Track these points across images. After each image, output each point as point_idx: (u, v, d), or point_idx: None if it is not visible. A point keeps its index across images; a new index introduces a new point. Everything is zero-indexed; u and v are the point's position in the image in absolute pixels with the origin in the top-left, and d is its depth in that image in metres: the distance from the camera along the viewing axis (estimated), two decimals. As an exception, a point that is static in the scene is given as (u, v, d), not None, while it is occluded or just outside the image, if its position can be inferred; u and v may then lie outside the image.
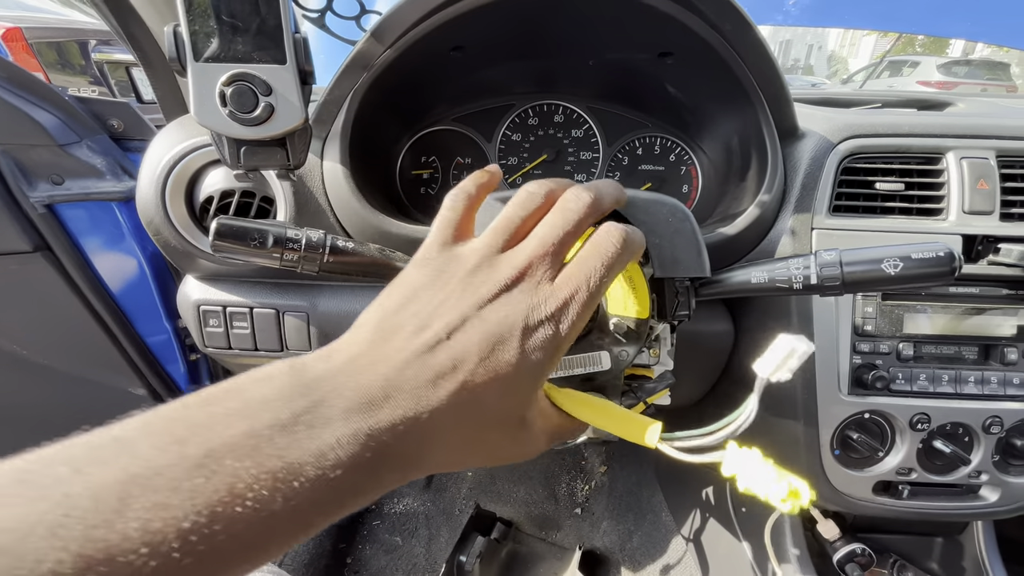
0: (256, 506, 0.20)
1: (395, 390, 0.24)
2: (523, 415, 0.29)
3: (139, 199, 0.59)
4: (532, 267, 0.28)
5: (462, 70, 0.66)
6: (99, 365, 0.88)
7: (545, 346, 0.27)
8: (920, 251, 0.40)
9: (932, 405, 0.62)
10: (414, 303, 0.28)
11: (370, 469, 0.23)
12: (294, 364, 0.25)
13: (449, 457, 0.26)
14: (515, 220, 0.31)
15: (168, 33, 0.42)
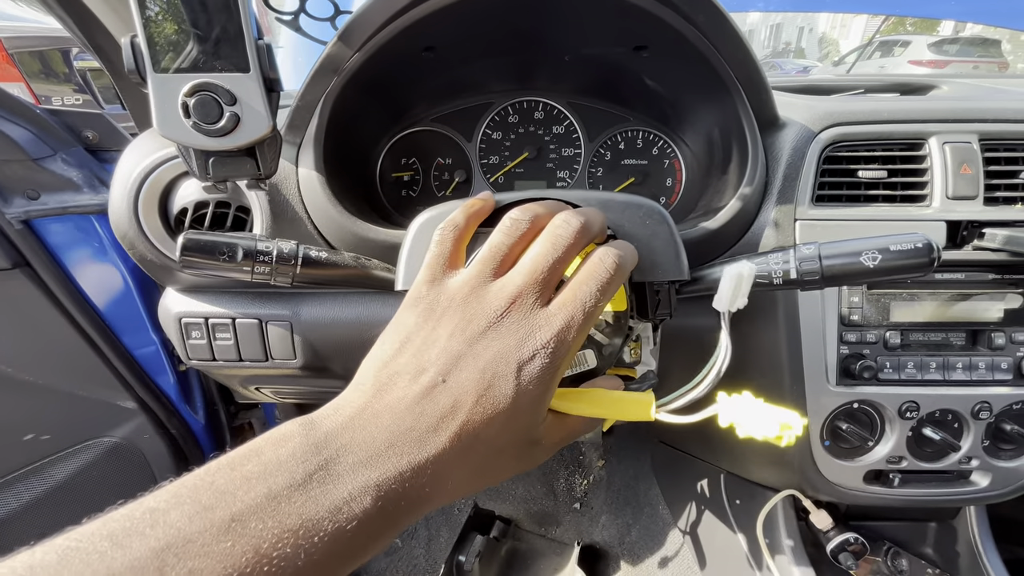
0: (281, 563, 0.21)
1: (399, 439, 0.25)
2: (533, 437, 0.30)
3: (111, 213, 0.59)
4: (522, 296, 0.29)
5: (436, 70, 0.65)
6: (86, 379, 0.87)
7: (542, 375, 0.28)
8: (898, 243, 0.39)
9: (920, 393, 0.62)
10: (409, 347, 0.28)
11: (383, 516, 0.24)
12: (305, 423, 0.26)
13: (459, 489, 0.27)
14: (502, 248, 0.31)
15: (125, 44, 0.41)
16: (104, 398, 0.90)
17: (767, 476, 0.75)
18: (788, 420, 0.35)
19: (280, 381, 0.76)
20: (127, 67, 0.42)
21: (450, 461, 0.26)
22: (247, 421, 1.19)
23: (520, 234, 0.31)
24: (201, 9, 0.42)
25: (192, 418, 1.01)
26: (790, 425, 0.35)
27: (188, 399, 1.02)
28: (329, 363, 0.69)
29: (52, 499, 0.87)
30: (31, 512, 0.86)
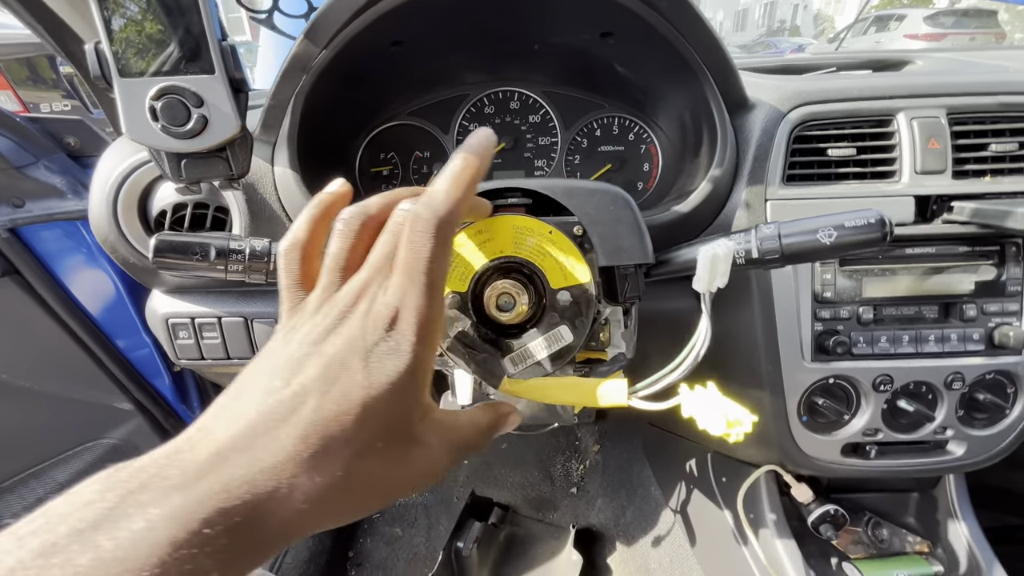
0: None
1: (227, 452, 0.22)
2: (408, 433, 0.26)
3: (92, 217, 0.59)
4: (367, 288, 0.27)
5: (408, 64, 0.65)
6: (82, 383, 0.88)
7: (396, 359, 0.25)
8: (852, 219, 0.40)
9: (894, 366, 0.63)
10: (262, 368, 0.26)
11: (192, 559, 0.19)
12: (118, 465, 0.22)
13: (323, 507, 0.23)
14: (342, 254, 0.29)
15: (90, 50, 0.42)
16: (101, 400, 0.92)
17: (750, 453, 0.77)
18: (738, 417, 0.36)
19: (270, 377, 0.78)
20: (92, 73, 0.43)
21: (297, 470, 0.22)
22: (245, 419, 1.21)
23: (354, 234, 0.29)
24: (164, 13, 0.42)
25: (189, 417, 1.03)
26: (739, 422, 0.35)
27: (184, 399, 1.03)
28: (316, 358, 0.70)
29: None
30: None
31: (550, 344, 0.42)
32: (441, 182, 0.28)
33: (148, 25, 0.43)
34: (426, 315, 0.26)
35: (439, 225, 0.26)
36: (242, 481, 0.21)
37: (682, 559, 0.94)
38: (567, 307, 0.42)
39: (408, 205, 0.29)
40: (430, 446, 0.27)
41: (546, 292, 0.42)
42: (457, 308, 0.41)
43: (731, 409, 0.35)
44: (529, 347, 0.42)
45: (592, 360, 0.50)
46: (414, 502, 1.33)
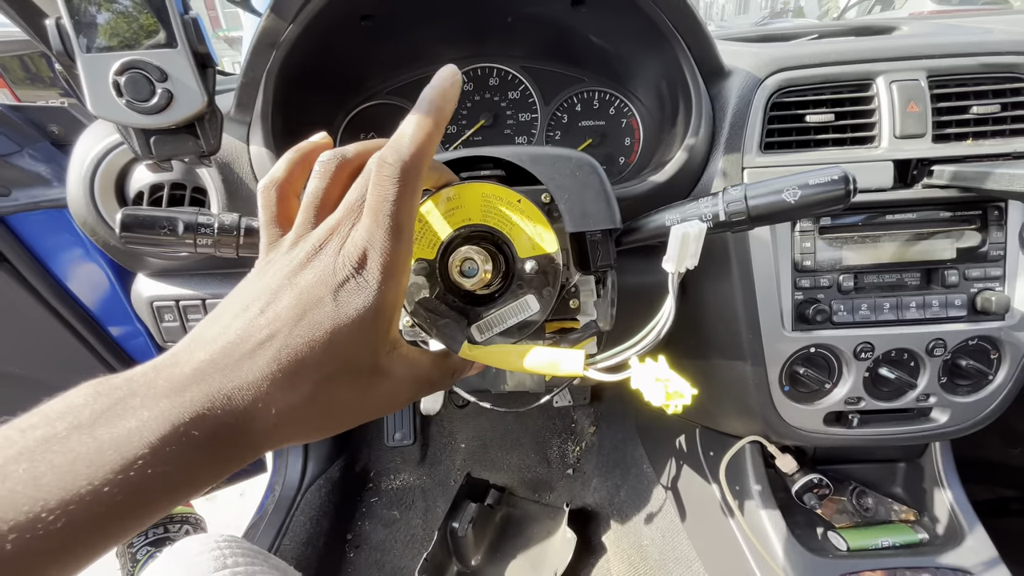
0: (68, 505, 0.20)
1: (207, 368, 0.24)
2: (374, 364, 0.28)
3: (70, 199, 0.60)
4: (340, 226, 0.28)
5: (380, 39, 0.65)
6: (75, 370, 0.90)
7: (364, 289, 0.27)
8: (816, 177, 0.40)
9: (875, 333, 0.62)
10: (239, 297, 0.28)
11: (189, 447, 0.22)
12: (106, 376, 0.24)
13: (296, 422, 0.26)
14: (318, 193, 0.30)
15: (51, 25, 0.42)
16: (95, 387, 0.93)
17: (736, 426, 0.77)
18: (678, 389, 0.36)
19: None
20: (55, 49, 0.43)
21: (272, 388, 0.24)
22: (242, 405, 1.22)
23: (330, 175, 0.30)
24: (121, -14, 0.42)
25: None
26: (680, 394, 0.35)
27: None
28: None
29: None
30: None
31: (516, 313, 0.42)
32: (406, 126, 0.29)
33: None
34: (391, 255, 0.27)
35: (404, 169, 0.27)
36: (221, 394, 0.24)
37: (673, 534, 0.94)
38: (533, 277, 0.42)
39: (381, 156, 0.29)
40: (394, 377, 0.30)
41: (514, 261, 0.42)
42: (424, 275, 0.41)
43: (672, 381, 0.35)
44: (495, 315, 0.43)
45: (564, 329, 0.50)
46: (411, 485, 1.35)
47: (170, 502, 0.23)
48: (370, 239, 0.27)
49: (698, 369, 0.77)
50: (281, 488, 1.21)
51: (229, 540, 0.58)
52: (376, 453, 1.41)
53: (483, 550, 1.16)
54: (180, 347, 0.26)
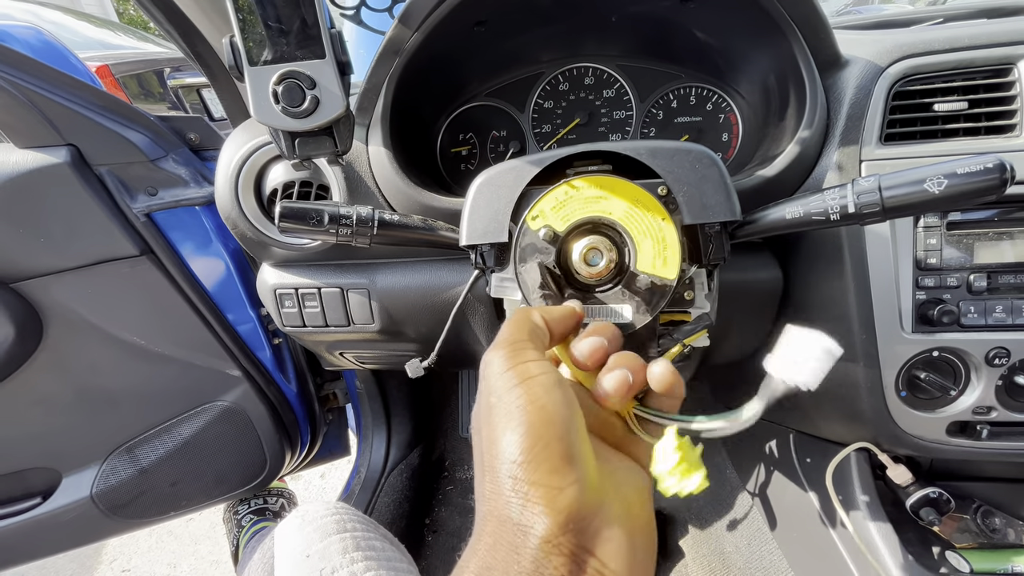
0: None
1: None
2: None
3: (217, 197, 0.68)
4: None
5: (488, 44, 0.68)
6: (202, 351, 1.00)
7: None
8: (966, 166, 0.38)
9: (1011, 338, 0.58)
10: None
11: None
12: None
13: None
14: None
15: (225, 44, 0.48)
16: (216, 367, 1.04)
17: (839, 432, 0.73)
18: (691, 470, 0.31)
19: (361, 346, 0.84)
20: (227, 64, 0.49)
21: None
22: (332, 392, 1.31)
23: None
24: (284, 6, 0.48)
25: (286, 386, 1.14)
26: (689, 472, 0.31)
27: (282, 369, 1.14)
28: (403, 327, 0.76)
29: (182, 452, 1.02)
30: (167, 463, 1.01)
31: (607, 314, 0.44)
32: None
33: (271, 19, 0.48)
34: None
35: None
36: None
37: (761, 542, 0.91)
38: (640, 290, 0.43)
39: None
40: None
41: (629, 266, 0.43)
42: (548, 241, 0.43)
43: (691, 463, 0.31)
44: (592, 307, 0.44)
45: (675, 322, 0.50)
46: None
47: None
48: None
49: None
50: (366, 471, 1.29)
51: (345, 507, 0.64)
52: (451, 443, 1.46)
53: (557, 545, 1.17)
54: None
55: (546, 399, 0.27)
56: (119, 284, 0.90)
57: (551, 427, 0.26)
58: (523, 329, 0.32)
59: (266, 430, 1.10)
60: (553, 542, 0.24)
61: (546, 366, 0.30)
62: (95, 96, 0.83)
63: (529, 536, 0.24)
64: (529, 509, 0.24)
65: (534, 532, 0.24)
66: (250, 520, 1.22)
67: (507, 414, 0.27)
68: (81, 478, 1.00)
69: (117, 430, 1.00)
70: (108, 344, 0.92)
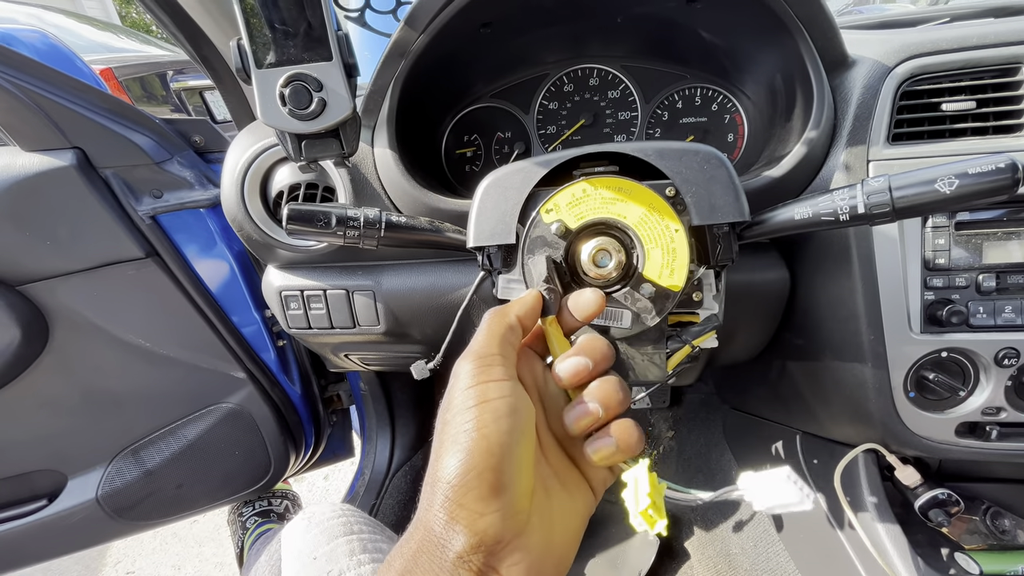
0: None
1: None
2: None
3: (223, 200, 0.68)
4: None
5: (493, 45, 0.68)
6: (207, 353, 1.00)
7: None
8: (977, 166, 0.37)
9: (1021, 338, 0.57)
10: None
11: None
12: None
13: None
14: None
15: (233, 47, 0.48)
16: (221, 369, 1.04)
17: (847, 433, 0.73)
18: (654, 518, 0.33)
19: (366, 348, 0.84)
20: (235, 67, 0.49)
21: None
22: (336, 393, 1.31)
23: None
24: (291, 9, 0.48)
25: (291, 388, 1.14)
26: (654, 521, 0.33)
27: (286, 371, 1.14)
28: (408, 328, 0.76)
29: (187, 455, 1.02)
30: (172, 465, 1.01)
31: (607, 318, 0.43)
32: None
33: (278, 21, 0.48)
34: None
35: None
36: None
37: (767, 544, 0.91)
38: (646, 295, 0.43)
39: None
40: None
41: (636, 272, 0.43)
42: (559, 236, 0.43)
43: (651, 507, 0.33)
44: (607, 310, 0.44)
45: (684, 323, 0.50)
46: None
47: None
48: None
49: (805, 371, 0.73)
50: (371, 472, 1.29)
51: (353, 509, 0.64)
52: (455, 445, 1.46)
53: (562, 546, 1.17)
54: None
55: (492, 427, 0.28)
56: (124, 286, 0.90)
57: (489, 457, 0.28)
58: (495, 339, 0.33)
59: (270, 432, 1.10)
60: (465, 558, 0.26)
61: (505, 389, 0.31)
62: (100, 99, 0.83)
63: (447, 550, 0.27)
64: (451, 527, 0.27)
65: (451, 547, 0.27)
66: (255, 522, 1.22)
67: (454, 436, 0.29)
68: (87, 480, 1.00)
69: (122, 432, 1.00)
70: (113, 346, 0.92)
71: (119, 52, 3.17)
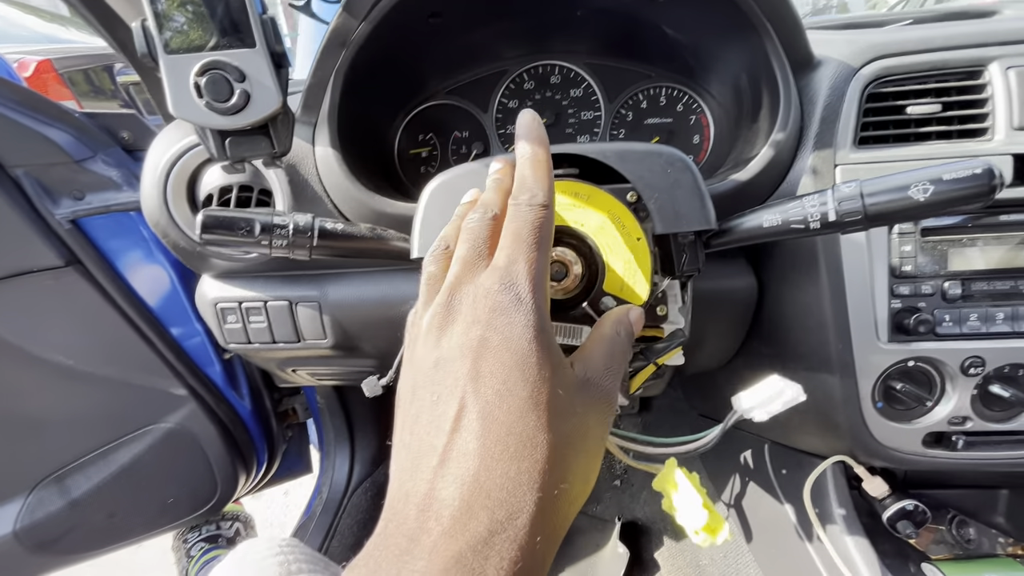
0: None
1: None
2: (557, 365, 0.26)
3: (144, 203, 0.61)
4: (466, 268, 0.28)
5: (445, 38, 0.63)
6: (140, 369, 0.92)
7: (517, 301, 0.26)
8: (952, 171, 0.35)
9: (986, 346, 0.56)
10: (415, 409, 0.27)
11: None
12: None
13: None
14: (434, 264, 0.32)
15: (136, 28, 0.42)
16: (158, 386, 0.95)
17: (815, 444, 0.71)
18: (718, 525, 0.36)
19: (314, 362, 0.78)
20: (139, 51, 0.43)
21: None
22: (291, 407, 1.23)
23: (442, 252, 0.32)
24: (205, -13, 0.42)
25: (239, 404, 1.06)
26: (716, 530, 0.35)
27: (234, 386, 1.06)
28: (359, 342, 0.70)
29: (119, 481, 0.93)
30: (102, 493, 0.92)
31: (565, 335, 0.40)
32: (525, 170, 0.32)
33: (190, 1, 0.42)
34: (536, 263, 0.28)
35: (539, 202, 0.30)
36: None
37: (737, 555, 0.89)
38: (605, 310, 0.40)
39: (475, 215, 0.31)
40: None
41: (596, 288, 0.39)
42: None
43: (713, 511, 0.36)
44: (570, 327, 0.40)
45: (648, 338, 0.47)
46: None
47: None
48: (513, 255, 0.27)
49: (773, 381, 0.71)
50: (328, 491, 1.22)
51: (292, 544, 0.58)
52: (420, 457, 1.40)
53: (530, 561, 1.13)
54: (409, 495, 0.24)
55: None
56: (41, 298, 0.81)
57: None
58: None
59: (216, 452, 1.01)
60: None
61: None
62: (10, 91, 0.75)
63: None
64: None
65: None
66: (201, 549, 1.13)
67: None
68: (3, 513, 0.90)
69: (43, 459, 0.90)
70: (29, 365, 0.83)
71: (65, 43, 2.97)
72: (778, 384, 0.42)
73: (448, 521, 0.21)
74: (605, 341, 0.31)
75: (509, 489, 0.22)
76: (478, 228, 0.30)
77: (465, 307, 0.27)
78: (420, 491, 0.23)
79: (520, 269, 0.27)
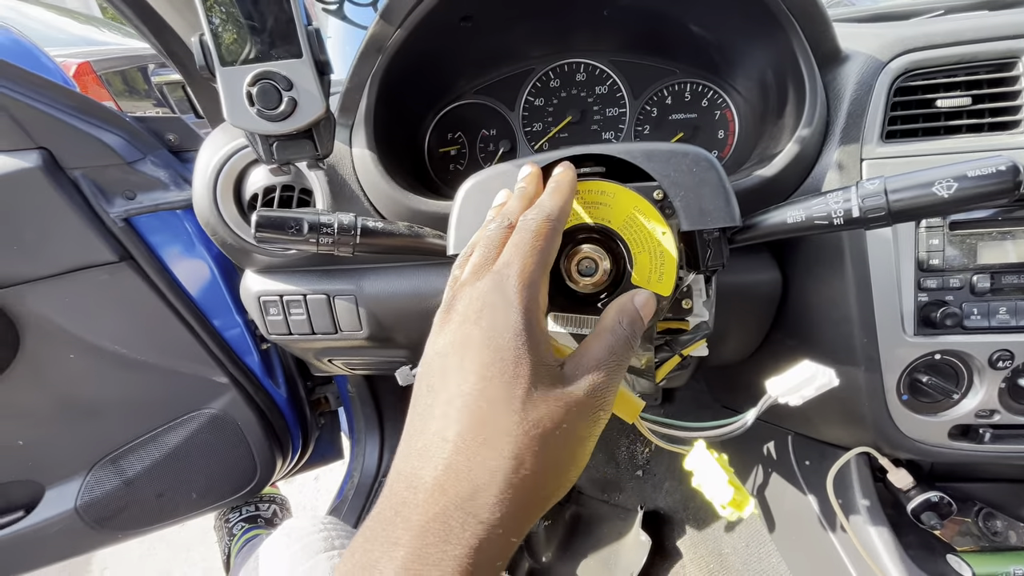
0: None
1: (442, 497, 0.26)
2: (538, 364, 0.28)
3: (195, 202, 0.65)
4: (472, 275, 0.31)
5: (475, 40, 0.66)
6: (187, 358, 0.98)
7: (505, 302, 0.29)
8: (977, 168, 0.36)
9: (1016, 340, 0.56)
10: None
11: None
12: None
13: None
14: (458, 268, 0.35)
15: (195, 43, 0.46)
16: (202, 374, 1.01)
17: (839, 435, 0.72)
18: (743, 499, 0.37)
19: (350, 352, 0.82)
20: (198, 64, 0.46)
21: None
22: (323, 396, 1.29)
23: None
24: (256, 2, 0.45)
25: (276, 392, 1.11)
26: (742, 504, 0.36)
27: (271, 375, 1.12)
28: (392, 333, 0.74)
29: (168, 462, 0.99)
30: (152, 473, 0.99)
31: (579, 325, 0.42)
32: (544, 197, 0.35)
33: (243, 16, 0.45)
34: (532, 267, 0.31)
35: (547, 217, 0.33)
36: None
37: (759, 544, 0.90)
38: None
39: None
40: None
41: (623, 281, 0.41)
42: None
43: (739, 486, 0.37)
44: (573, 316, 0.42)
45: (673, 330, 0.48)
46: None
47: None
48: (509, 260, 0.30)
49: (797, 373, 0.72)
50: (360, 475, 1.27)
51: (333, 522, 0.62)
52: (446, 445, 1.44)
53: (554, 547, 1.16)
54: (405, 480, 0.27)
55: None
56: (98, 292, 0.86)
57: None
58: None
59: (255, 437, 1.07)
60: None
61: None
62: (67, 97, 0.80)
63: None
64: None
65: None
66: (241, 528, 1.20)
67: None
68: (65, 490, 0.97)
69: (100, 441, 0.97)
70: (88, 353, 0.89)
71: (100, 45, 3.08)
72: (810, 369, 0.43)
73: (423, 495, 0.25)
74: (604, 334, 0.32)
75: (476, 472, 0.25)
76: (493, 236, 0.33)
77: (462, 306, 0.30)
78: (408, 471, 0.27)
79: (512, 272, 0.29)
